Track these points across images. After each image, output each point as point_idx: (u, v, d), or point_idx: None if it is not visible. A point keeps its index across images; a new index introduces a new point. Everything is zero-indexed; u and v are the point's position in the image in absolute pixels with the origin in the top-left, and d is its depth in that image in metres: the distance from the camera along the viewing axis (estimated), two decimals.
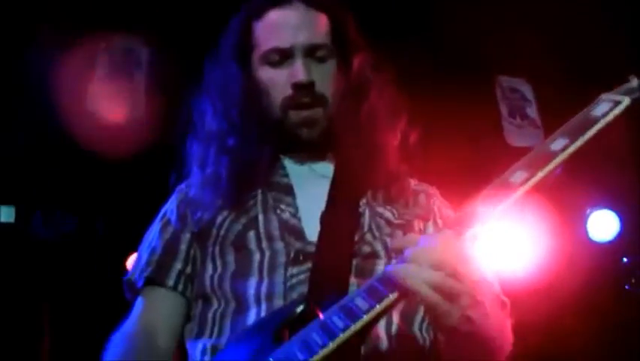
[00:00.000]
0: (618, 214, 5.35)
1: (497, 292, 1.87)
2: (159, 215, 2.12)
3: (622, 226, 5.34)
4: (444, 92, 4.50)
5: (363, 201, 2.00)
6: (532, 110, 4.96)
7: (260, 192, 2.00)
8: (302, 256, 1.88)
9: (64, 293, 4.44)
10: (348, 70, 2.11)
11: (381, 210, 2.01)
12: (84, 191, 4.64)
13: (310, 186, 2.02)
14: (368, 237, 1.94)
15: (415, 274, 1.49)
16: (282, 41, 2.02)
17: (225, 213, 1.98)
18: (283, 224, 1.94)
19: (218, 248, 1.95)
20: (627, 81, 1.66)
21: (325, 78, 2.03)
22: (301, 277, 1.85)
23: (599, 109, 1.61)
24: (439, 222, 2.03)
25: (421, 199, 2.09)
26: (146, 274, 2.01)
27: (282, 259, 1.88)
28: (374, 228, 1.96)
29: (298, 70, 1.99)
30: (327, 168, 2.06)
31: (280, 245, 1.90)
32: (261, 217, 1.96)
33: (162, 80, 4.45)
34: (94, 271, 4.42)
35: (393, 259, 1.63)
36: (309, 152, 2.07)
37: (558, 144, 1.59)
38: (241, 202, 1.99)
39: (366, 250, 1.91)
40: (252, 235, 1.93)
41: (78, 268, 4.50)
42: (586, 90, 1.73)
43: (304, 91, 1.99)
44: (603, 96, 1.64)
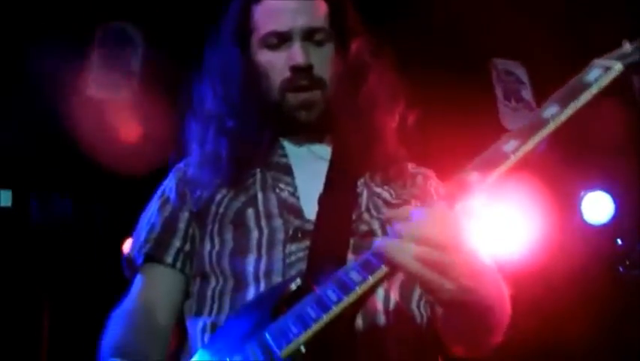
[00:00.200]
0: (613, 196, 5.36)
1: (492, 263, 1.85)
2: (157, 192, 2.14)
3: (616, 208, 5.35)
4: (438, 76, 4.52)
5: (361, 182, 2.02)
6: (527, 93, 4.96)
7: (259, 172, 2.03)
8: (300, 234, 1.90)
9: (62, 276, 4.45)
10: (346, 54, 2.12)
11: (379, 190, 2.03)
12: (80, 175, 4.64)
13: (309, 166, 2.04)
14: (365, 216, 1.96)
15: (403, 249, 1.49)
16: (280, 25, 2.03)
17: (224, 192, 2.00)
18: (282, 202, 1.96)
19: (217, 226, 1.97)
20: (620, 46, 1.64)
21: (323, 61, 2.04)
22: (300, 254, 1.87)
23: (592, 75, 1.59)
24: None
25: (419, 181, 2.11)
26: (144, 250, 2.03)
27: (281, 236, 1.90)
28: (371, 207, 1.98)
29: (296, 53, 2.01)
30: (325, 149, 2.08)
31: (279, 223, 1.92)
32: (260, 196, 1.98)
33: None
34: (91, 254, 4.42)
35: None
36: (308, 134, 2.09)
37: (550, 111, 1.57)
38: (240, 181, 2.01)
39: (364, 228, 1.93)
40: (250, 212, 1.95)
41: (75, 251, 4.50)
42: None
43: (302, 74, 2.01)
44: (596, 62, 1.62)
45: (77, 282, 4.38)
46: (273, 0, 2.06)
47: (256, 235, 1.92)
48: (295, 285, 1.68)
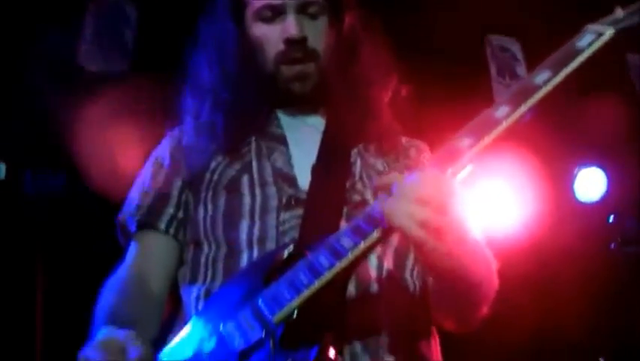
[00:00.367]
0: (606, 172, 5.37)
1: (481, 236, 1.86)
2: (151, 158, 2.15)
3: (609, 184, 5.36)
4: (432, 53, 4.51)
5: (354, 152, 2.04)
6: (522, 69, 4.95)
7: (254, 140, 2.04)
8: (294, 202, 1.91)
9: (55, 248, 4.45)
10: (339, 27, 2.12)
11: (372, 161, 2.05)
12: (74, 147, 4.63)
13: (303, 137, 2.05)
14: (359, 185, 1.97)
15: (400, 209, 1.50)
16: None
17: (219, 159, 2.02)
18: (276, 171, 1.98)
19: (210, 193, 1.98)
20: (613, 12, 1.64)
21: (317, 34, 2.04)
22: (293, 222, 1.88)
23: (584, 40, 1.59)
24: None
25: (412, 153, 2.13)
26: (138, 217, 2.05)
27: (274, 203, 1.92)
28: (365, 177, 1.99)
29: (290, 25, 2.01)
30: (319, 121, 2.09)
31: (272, 190, 1.94)
32: (254, 163, 1.99)
33: None
34: (84, 227, 4.42)
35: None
36: (302, 106, 2.10)
37: (542, 77, 1.57)
38: (235, 149, 2.02)
39: (357, 198, 1.94)
40: (245, 179, 1.97)
41: (68, 223, 4.50)
42: None
43: (296, 46, 2.01)
44: (588, 27, 1.62)
45: (71, 254, 4.38)
46: None
47: (249, 201, 1.94)
48: (287, 252, 1.70)
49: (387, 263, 1.90)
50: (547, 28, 4.32)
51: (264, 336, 1.53)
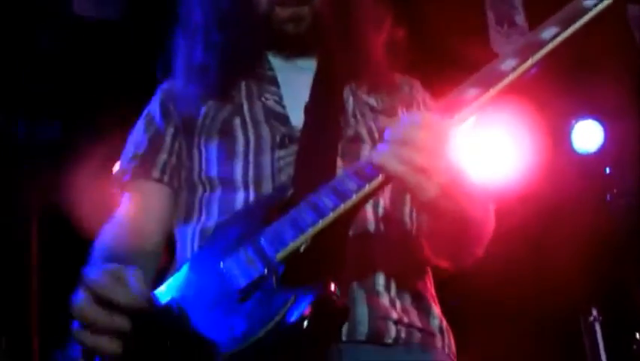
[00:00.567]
0: (602, 125, 5.36)
1: (477, 180, 1.85)
2: (143, 114, 2.14)
3: (606, 136, 5.36)
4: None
5: (347, 89, 2.02)
6: (521, 18, 4.91)
7: (244, 83, 2.02)
8: (288, 140, 1.90)
9: (51, 199, 4.44)
10: None
11: (365, 97, 2.04)
12: (69, 96, 4.61)
13: (294, 78, 2.04)
14: (352, 121, 1.96)
15: (389, 151, 1.52)
16: None
17: (210, 104, 2.00)
18: (268, 110, 1.96)
19: (204, 137, 1.98)
20: None
21: None
22: (288, 160, 1.87)
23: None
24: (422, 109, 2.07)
25: (405, 89, 2.13)
26: (131, 167, 2.05)
27: (268, 142, 1.90)
28: (358, 113, 1.99)
29: None
30: (311, 63, 2.08)
31: (266, 130, 1.92)
32: (245, 105, 1.98)
33: None
34: (79, 178, 4.41)
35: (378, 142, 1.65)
36: (295, 48, 2.09)
37: (549, 32, 1.59)
38: (226, 93, 2.01)
39: (350, 133, 1.93)
40: (237, 121, 1.95)
41: (62, 173, 4.49)
42: None
43: None
44: None
45: (67, 204, 4.37)
46: None
47: (243, 142, 1.92)
48: (288, 193, 1.69)
49: (384, 202, 1.90)
50: None
51: (266, 273, 1.52)
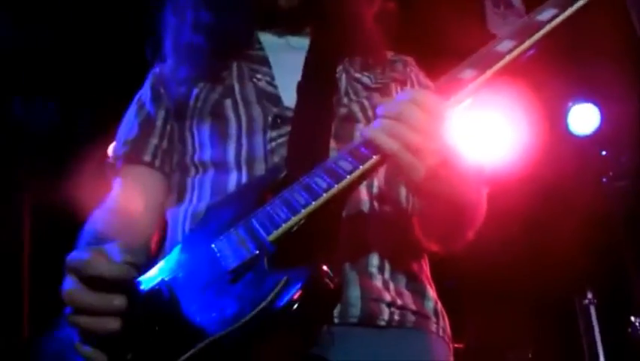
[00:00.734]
0: (599, 107, 5.35)
1: (471, 163, 1.83)
2: (135, 99, 2.13)
3: (602, 119, 5.35)
4: None
5: (339, 68, 2.00)
6: (518, 0, 4.89)
7: (235, 64, 2.00)
8: (280, 120, 1.88)
9: (45, 179, 4.43)
10: None
11: (358, 75, 2.02)
12: (67, 78, 4.59)
13: (286, 57, 2.02)
14: (345, 100, 1.94)
15: (381, 126, 1.51)
16: None
17: (201, 86, 1.98)
18: (260, 91, 1.94)
19: (195, 120, 1.96)
20: None
21: None
22: (281, 140, 1.85)
23: None
24: (416, 88, 2.05)
25: (398, 67, 2.11)
26: (122, 152, 2.04)
27: (260, 123, 1.89)
28: (351, 92, 1.97)
29: None
30: (303, 41, 2.06)
31: (257, 110, 1.91)
32: (237, 86, 1.96)
33: None
34: (74, 158, 4.40)
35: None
36: (287, 24, 2.07)
37: (547, 14, 1.58)
38: (216, 74, 1.99)
39: (343, 111, 1.91)
40: (228, 102, 1.93)
41: (58, 154, 4.48)
42: None
43: None
44: None
45: (61, 185, 4.36)
46: None
47: (234, 123, 1.91)
48: (281, 174, 1.68)
49: (379, 182, 1.88)
50: None
51: (258, 254, 1.50)
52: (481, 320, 5.26)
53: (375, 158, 1.52)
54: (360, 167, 1.52)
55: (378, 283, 1.77)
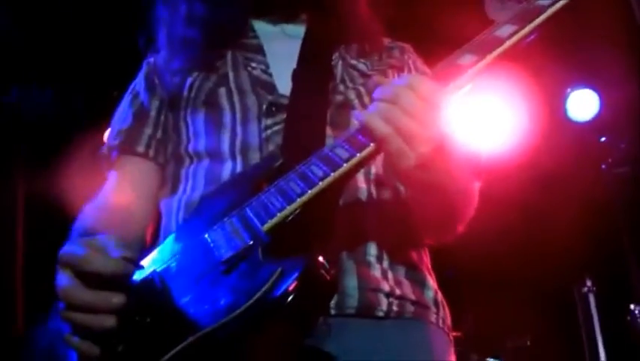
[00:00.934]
0: (598, 93, 5.33)
1: (466, 153, 1.79)
2: (129, 89, 2.10)
3: (601, 105, 5.33)
4: None
5: (335, 55, 1.98)
6: None
7: (230, 54, 1.97)
8: (275, 108, 1.85)
9: (39, 164, 4.42)
10: None
11: (354, 62, 1.99)
12: (62, 64, 4.57)
13: (281, 46, 1.99)
14: (341, 87, 1.91)
15: (375, 110, 1.48)
16: None
17: (195, 75, 1.96)
18: (254, 79, 1.91)
19: (189, 109, 1.93)
20: None
21: None
22: (276, 128, 1.82)
23: None
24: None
25: (395, 53, 2.08)
26: (116, 143, 2.01)
27: (255, 111, 1.86)
28: (347, 79, 1.94)
29: None
30: (298, 29, 2.03)
31: (252, 98, 1.88)
32: (231, 74, 1.93)
33: None
34: (70, 145, 4.37)
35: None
36: (282, 12, 2.04)
37: None
38: (211, 63, 1.96)
39: (339, 99, 1.88)
40: (222, 91, 1.90)
41: (54, 140, 4.47)
42: None
43: None
44: None
45: (57, 173, 4.34)
46: None
47: (229, 111, 1.88)
48: (276, 163, 1.64)
49: (377, 169, 1.84)
50: None
51: (252, 244, 1.47)
52: (480, 309, 5.25)
53: (373, 145, 1.49)
54: (358, 154, 1.49)
55: (377, 272, 1.74)
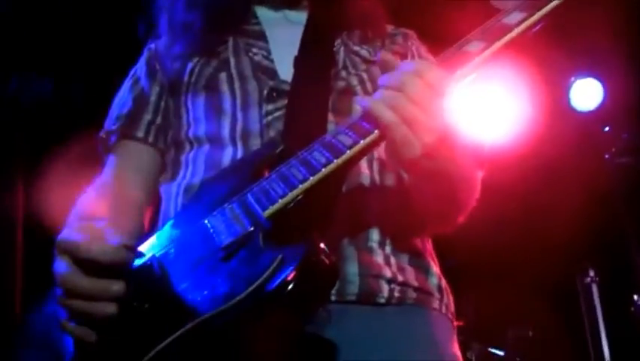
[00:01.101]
0: (602, 83, 5.31)
1: (470, 143, 1.76)
2: (129, 74, 2.09)
3: (605, 95, 5.31)
4: None
5: (338, 41, 1.96)
6: None
7: (231, 39, 1.96)
8: (276, 94, 1.83)
9: (38, 154, 4.41)
10: None
11: (356, 48, 1.97)
12: (61, 53, 4.55)
13: (283, 32, 1.97)
14: (343, 73, 1.90)
15: (381, 97, 1.45)
16: None
17: (196, 60, 1.94)
18: (255, 64, 1.89)
19: (190, 94, 1.92)
20: None
21: None
22: (277, 114, 1.80)
23: None
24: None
25: (398, 40, 2.06)
26: (115, 127, 2.00)
27: (255, 97, 1.84)
28: (349, 65, 1.92)
29: None
30: (301, 15, 2.01)
31: (253, 83, 1.86)
32: (232, 60, 1.91)
33: None
34: (69, 134, 4.36)
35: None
36: None
37: None
38: (212, 48, 1.94)
39: (341, 85, 1.86)
40: (223, 76, 1.89)
41: (53, 130, 4.45)
42: None
43: None
44: None
45: (53, 160, 4.33)
46: None
47: (229, 97, 1.86)
48: (277, 149, 1.62)
49: (379, 153, 1.81)
50: None
51: (252, 230, 1.45)
52: (482, 299, 5.24)
53: (377, 132, 1.47)
54: (361, 141, 1.47)
55: (379, 258, 1.72)
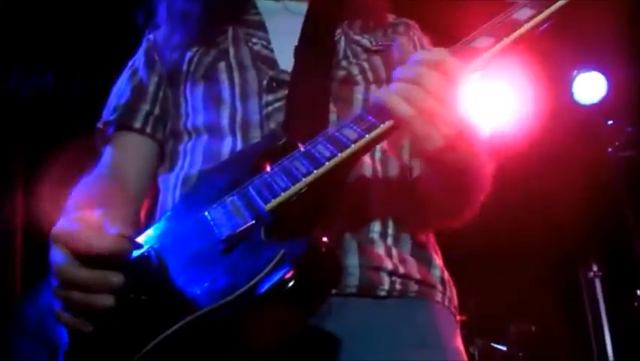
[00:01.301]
0: (605, 76, 5.29)
1: (481, 134, 1.74)
2: (128, 65, 2.07)
3: (608, 89, 5.29)
4: None
5: (338, 31, 1.94)
6: None
7: (231, 29, 1.94)
8: (276, 84, 1.81)
9: (37, 147, 4.40)
10: None
11: (357, 37, 1.95)
12: (63, 46, 4.54)
13: (283, 22, 1.95)
14: (343, 63, 1.88)
15: (397, 91, 1.44)
16: None
17: (195, 49, 1.92)
18: (255, 54, 1.88)
19: (189, 84, 1.90)
20: None
21: None
22: (277, 105, 1.78)
23: None
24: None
25: (400, 29, 2.04)
26: (113, 118, 1.98)
27: (255, 87, 1.82)
28: (350, 54, 1.90)
29: None
30: (301, 6, 1.99)
31: (252, 74, 1.84)
32: (231, 49, 1.89)
33: None
34: (69, 127, 4.35)
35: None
36: None
37: None
38: (211, 38, 1.92)
39: (342, 74, 1.85)
40: (222, 65, 1.87)
41: (53, 123, 4.44)
42: None
43: None
44: None
45: (54, 152, 4.32)
46: None
47: (228, 87, 1.84)
48: (280, 142, 1.60)
49: (382, 144, 1.79)
50: None
51: (253, 223, 1.43)
52: (485, 293, 5.23)
53: (382, 127, 1.45)
54: (367, 136, 1.45)
55: (380, 250, 1.70)
